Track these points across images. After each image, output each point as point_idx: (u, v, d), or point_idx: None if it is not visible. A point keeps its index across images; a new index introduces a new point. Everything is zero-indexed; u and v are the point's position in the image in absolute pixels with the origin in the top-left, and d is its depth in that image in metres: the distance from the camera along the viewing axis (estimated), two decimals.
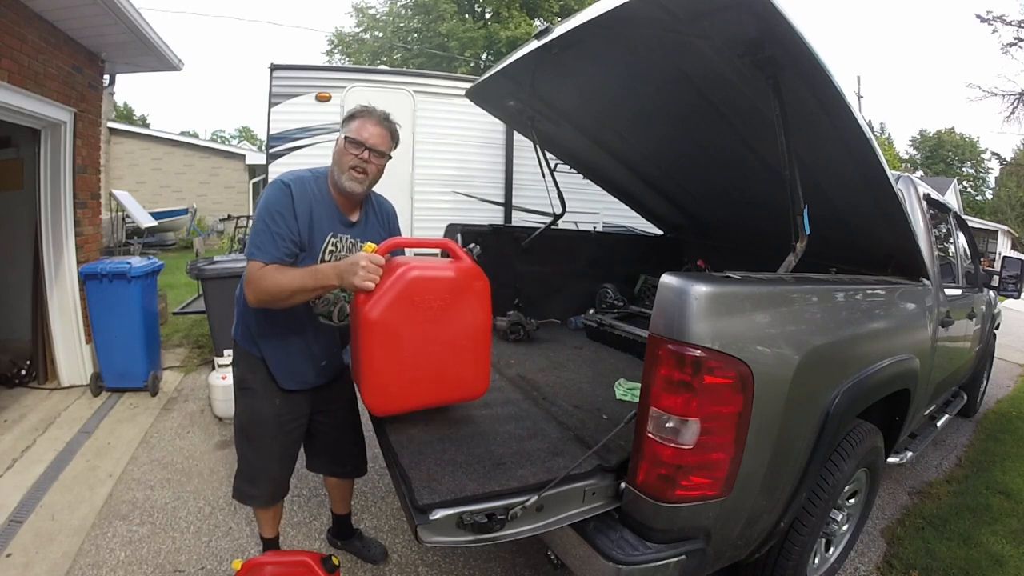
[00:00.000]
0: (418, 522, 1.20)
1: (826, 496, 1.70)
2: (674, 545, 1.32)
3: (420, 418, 1.67)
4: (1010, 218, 30.39)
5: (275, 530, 2.08)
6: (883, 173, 1.74)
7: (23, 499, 2.54)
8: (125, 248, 8.73)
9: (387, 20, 20.33)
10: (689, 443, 1.24)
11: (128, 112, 29.77)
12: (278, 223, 1.59)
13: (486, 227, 3.13)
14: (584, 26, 1.71)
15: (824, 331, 1.56)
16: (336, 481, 2.13)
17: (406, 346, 1.51)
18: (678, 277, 1.26)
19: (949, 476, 3.32)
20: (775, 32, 1.37)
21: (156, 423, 3.44)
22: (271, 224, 1.59)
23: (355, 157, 1.65)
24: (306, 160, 4.53)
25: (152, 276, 3.90)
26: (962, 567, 2.35)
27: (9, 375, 3.89)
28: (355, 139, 1.65)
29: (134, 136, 14.56)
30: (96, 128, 4.21)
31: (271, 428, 1.82)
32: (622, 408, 1.90)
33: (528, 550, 2.29)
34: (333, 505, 2.24)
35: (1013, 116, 11.04)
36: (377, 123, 1.69)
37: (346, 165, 1.66)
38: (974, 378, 4.07)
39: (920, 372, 2.10)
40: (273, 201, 1.61)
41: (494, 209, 5.05)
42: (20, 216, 3.98)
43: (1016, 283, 3.76)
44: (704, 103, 2.05)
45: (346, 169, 1.66)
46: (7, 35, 3.09)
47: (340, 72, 5.01)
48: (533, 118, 2.78)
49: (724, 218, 3.26)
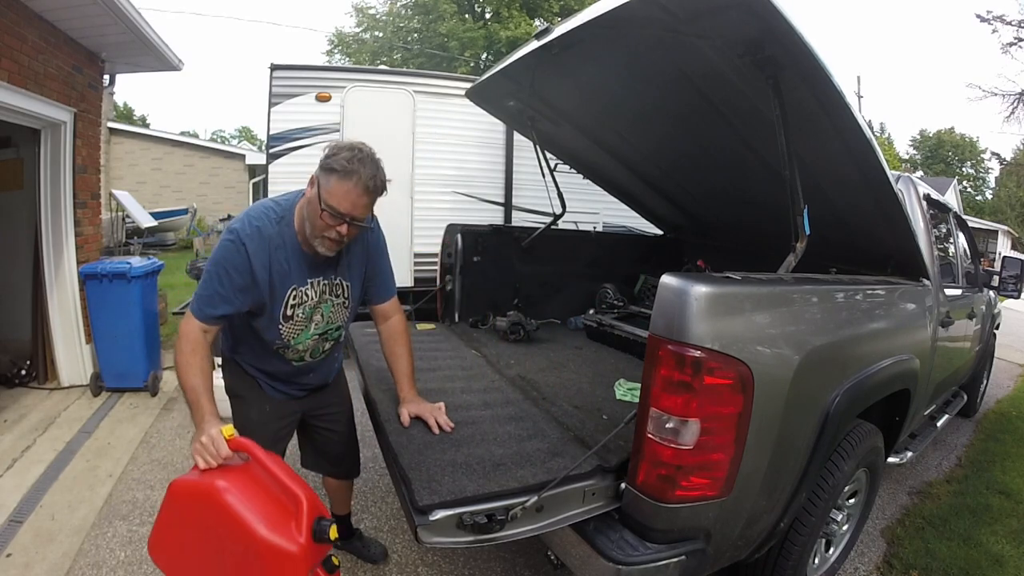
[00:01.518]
0: (418, 522, 1.20)
1: (826, 496, 1.70)
2: (674, 545, 1.32)
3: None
4: (1010, 218, 30.37)
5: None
6: (883, 173, 1.74)
7: (23, 499, 2.54)
8: (125, 248, 8.73)
9: (387, 20, 20.31)
10: (689, 443, 1.24)
11: (128, 112, 29.76)
12: (224, 284, 1.47)
13: (486, 227, 3.13)
14: (584, 26, 1.71)
15: (824, 331, 1.56)
16: (335, 483, 2.13)
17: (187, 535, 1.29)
18: (678, 277, 1.26)
19: (949, 476, 3.31)
20: (775, 32, 1.37)
21: (156, 423, 3.44)
22: (216, 283, 1.47)
23: (331, 228, 1.47)
24: (306, 160, 4.53)
25: (152, 276, 3.90)
26: (962, 567, 2.35)
27: (9, 375, 3.89)
28: (334, 209, 1.44)
29: (134, 136, 14.56)
30: (96, 128, 4.21)
31: (261, 435, 1.69)
32: (622, 408, 1.90)
33: (528, 550, 2.29)
34: (333, 506, 2.24)
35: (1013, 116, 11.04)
36: (363, 192, 1.45)
37: (319, 231, 1.48)
38: (974, 378, 4.07)
39: (920, 372, 2.10)
40: (225, 259, 1.47)
41: (494, 209, 5.05)
42: (20, 216, 3.98)
43: (1016, 283, 3.76)
44: (704, 103, 2.05)
45: (319, 235, 1.49)
46: (7, 35, 3.09)
47: (340, 72, 5.01)
48: (533, 118, 2.78)
49: (724, 218, 3.26)
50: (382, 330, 1.86)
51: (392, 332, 1.84)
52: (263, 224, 1.52)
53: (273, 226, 1.53)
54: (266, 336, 1.62)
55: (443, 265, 3.01)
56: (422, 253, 4.75)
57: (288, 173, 4.52)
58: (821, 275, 1.83)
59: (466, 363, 2.32)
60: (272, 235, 1.52)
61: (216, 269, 1.48)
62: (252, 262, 1.49)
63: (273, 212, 1.56)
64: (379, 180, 1.49)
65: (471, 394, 1.95)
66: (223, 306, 1.50)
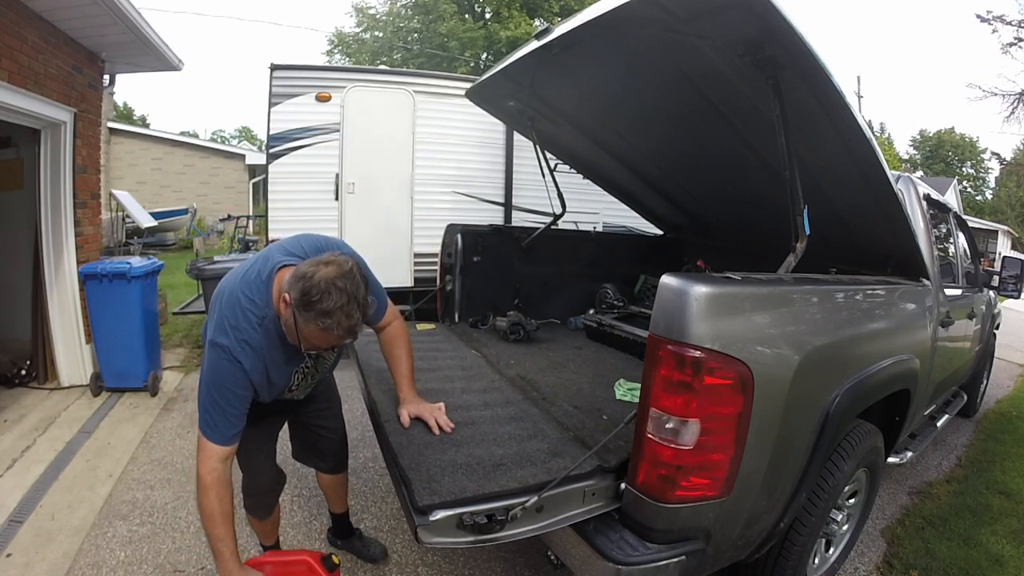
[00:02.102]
0: (418, 523, 1.20)
1: (826, 496, 1.70)
2: (674, 545, 1.32)
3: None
4: (1010, 218, 30.38)
5: (275, 536, 2.09)
6: (883, 173, 1.74)
7: (23, 499, 2.54)
8: (125, 248, 8.74)
9: (387, 20, 20.32)
10: (689, 444, 1.24)
11: (128, 112, 29.76)
12: (232, 403, 1.46)
13: (486, 227, 3.13)
14: (584, 26, 1.71)
15: (824, 331, 1.56)
16: (328, 480, 2.14)
17: None
18: (678, 278, 1.26)
19: (949, 476, 3.31)
20: (775, 32, 1.37)
21: (156, 423, 3.44)
22: (225, 405, 1.45)
23: (315, 348, 1.47)
24: (306, 160, 4.54)
25: (152, 276, 3.90)
26: (962, 567, 2.35)
27: (9, 375, 3.89)
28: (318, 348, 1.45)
29: (134, 136, 14.56)
30: (96, 128, 4.21)
31: (254, 432, 1.71)
32: (622, 408, 1.90)
33: (528, 550, 2.29)
34: (330, 505, 2.25)
35: (1013, 116, 11.05)
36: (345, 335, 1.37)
37: (303, 345, 1.44)
38: (974, 378, 4.07)
39: (920, 372, 2.10)
40: (225, 380, 1.44)
41: (494, 209, 5.05)
42: (20, 216, 3.98)
43: (1016, 283, 3.76)
44: (704, 103, 2.05)
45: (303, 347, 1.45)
46: (7, 35, 3.09)
47: (340, 72, 5.01)
48: (533, 118, 2.78)
49: (724, 218, 3.26)
50: (381, 337, 1.86)
51: (390, 336, 1.84)
52: (248, 336, 1.45)
53: (257, 333, 1.46)
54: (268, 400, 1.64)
55: (443, 265, 3.01)
56: (422, 253, 4.75)
57: (288, 173, 4.52)
58: (821, 275, 1.83)
59: (466, 363, 2.32)
60: (260, 345, 1.47)
61: (219, 392, 1.45)
62: (250, 377, 1.47)
63: (252, 316, 1.46)
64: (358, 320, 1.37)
65: (471, 394, 1.95)
66: (239, 422, 1.50)
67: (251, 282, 1.49)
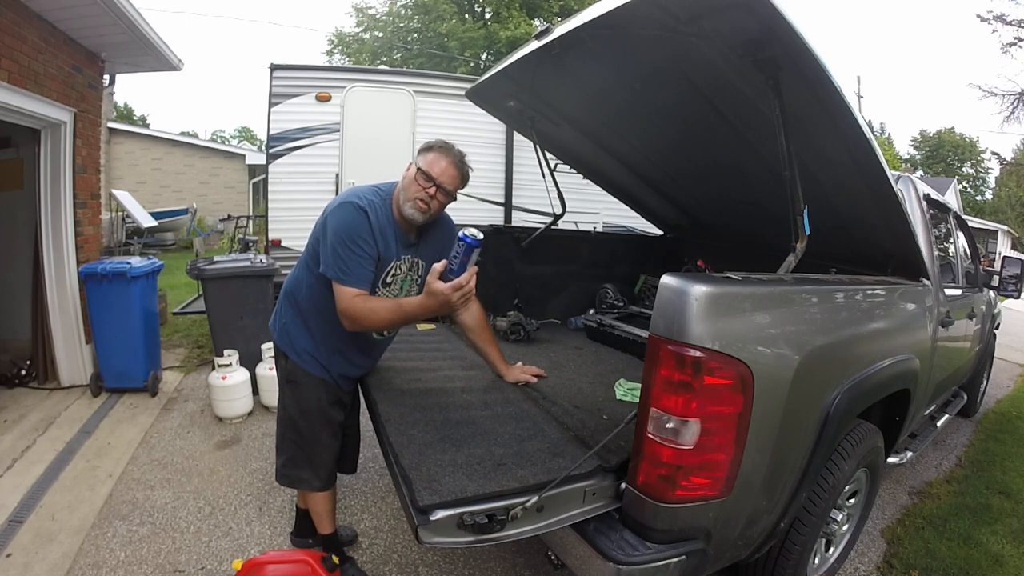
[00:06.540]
0: (419, 523, 1.20)
1: (826, 496, 1.70)
2: (674, 545, 1.32)
3: (421, 419, 1.68)
4: (1010, 218, 30.38)
5: (333, 524, 2.08)
6: (883, 173, 1.74)
7: (23, 499, 2.54)
8: (125, 248, 8.73)
9: (387, 20, 20.30)
10: (689, 444, 1.24)
11: (128, 112, 29.77)
12: (362, 248, 1.64)
13: (486, 227, 3.12)
14: (584, 26, 1.71)
15: (824, 331, 1.56)
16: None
17: None
18: (678, 277, 1.26)
19: (949, 476, 3.32)
20: (775, 32, 1.37)
21: (156, 423, 3.44)
22: (355, 249, 1.63)
23: (423, 190, 1.71)
24: (306, 160, 4.54)
25: (152, 276, 3.90)
26: (962, 567, 2.35)
27: (9, 375, 3.89)
28: (427, 173, 1.71)
29: (134, 136, 14.57)
30: (96, 128, 4.21)
31: (319, 418, 1.90)
32: (622, 408, 1.90)
33: (528, 550, 2.29)
34: (300, 500, 2.25)
35: (1013, 116, 11.04)
36: (452, 163, 1.74)
37: (412, 195, 1.72)
38: (974, 378, 4.07)
39: (920, 372, 2.10)
40: (354, 225, 1.65)
41: (494, 209, 5.05)
42: (20, 216, 3.98)
43: (1016, 283, 3.76)
44: (704, 103, 2.05)
45: (411, 198, 1.72)
46: (7, 35, 3.09)
47: (340, 72, 5.02)
48: (533, 118, 2.78)
49: (724, 218, 3.26)
50: (465, 319, 2.03)
51: (478, 319, 2.05)
52: (374, 201, 1.72)
53: (380, 206, 1.73)
54: None
55: None
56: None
57: (288, 173, 4.53)
58: (821, 275, 1.83)
59: (466, 363, 2.32)
60: (381, 213, 1.72)
61: (350, 239, 1.63)
62: (374, 231, 1.68)
63: (377, 196, 1.75)
64: (467, 167, 1.79)
65: (471, 394, 1.95)
66: (368, 270, 1.67)
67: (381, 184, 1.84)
